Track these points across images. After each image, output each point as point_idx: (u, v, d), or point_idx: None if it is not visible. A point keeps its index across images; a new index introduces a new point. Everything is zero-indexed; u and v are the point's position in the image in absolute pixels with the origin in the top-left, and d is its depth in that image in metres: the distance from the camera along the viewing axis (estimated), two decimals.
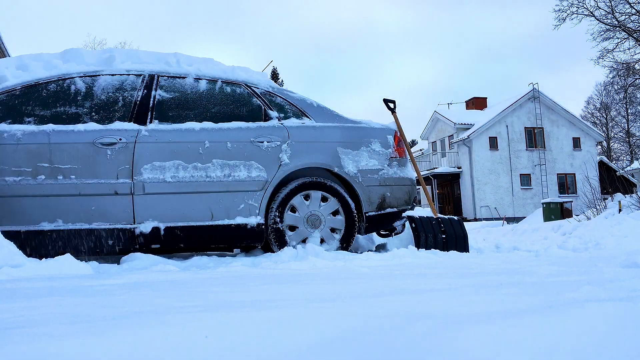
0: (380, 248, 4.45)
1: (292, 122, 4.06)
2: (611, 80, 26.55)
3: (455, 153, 30.19)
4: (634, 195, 10.13)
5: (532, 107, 29.34)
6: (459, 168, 29.70)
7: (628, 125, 43.68)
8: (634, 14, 21.61)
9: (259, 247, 4.16)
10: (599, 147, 38.84)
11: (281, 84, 38.40)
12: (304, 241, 3.92)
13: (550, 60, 75.59)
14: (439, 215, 4.42)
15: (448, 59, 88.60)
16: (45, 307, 1.40)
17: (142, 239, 3.58)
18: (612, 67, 23.58)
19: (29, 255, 2.97)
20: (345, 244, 4.00)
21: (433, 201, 29.82)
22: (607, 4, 21.86)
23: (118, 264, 3.39)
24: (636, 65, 22.91)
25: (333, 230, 4.01)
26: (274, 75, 41.22)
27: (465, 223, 4.68)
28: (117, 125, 3.68)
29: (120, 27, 54.04)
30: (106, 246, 3.56)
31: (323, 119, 4.19)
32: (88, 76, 3.84)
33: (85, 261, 3.10)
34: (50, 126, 3.57)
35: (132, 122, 3.73)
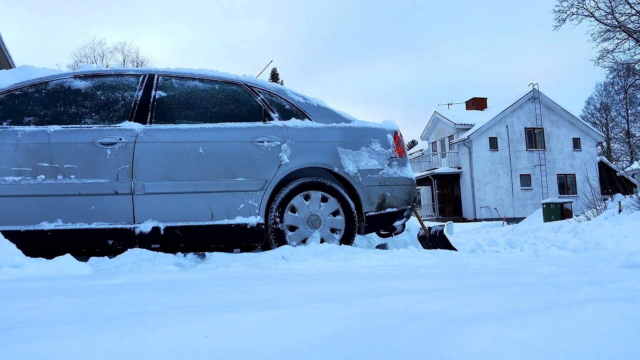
0: (380, 248, 4.45)
1: (292, 122, 4.06)
2: (611, 81, 26.56)
3: (455, 153, 30.18)
4: (634, 195, 10.12)
5: (532, 108, 29.34)
6: (459, 168, 29.70)
7: (628, 126, 43.71)
8: (634, 15, 21.62)
9: (259, 247, 4.16)
10: (599, 147, 38.85)
11: (281, 84, 38.37)
12: (304, 241, 3.92)
13: (550, 60, 75.55)
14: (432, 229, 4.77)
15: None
16: (45, 307, 1.40)
17: (142, 239, 3.58)
18: (612, 67, 23.59)
19: (28, 255, 2.97)
20: (345, 244, 3.99)
21: (433, 201, 29.84)
22: (607, 4, 21.87)
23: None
24: (636, 66, 22.90)
25: (333, 230, 4.01)
26: (274, 75, 41.22)
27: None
28: (117, 125, 3.69)
29: (119, 26, 54.05)
30: (106, 246, 3.56)
31: (323, 118, 4.19)
32: (87, 76, 3.84)
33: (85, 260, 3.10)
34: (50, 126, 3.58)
35: (132, 122, 3.73)
